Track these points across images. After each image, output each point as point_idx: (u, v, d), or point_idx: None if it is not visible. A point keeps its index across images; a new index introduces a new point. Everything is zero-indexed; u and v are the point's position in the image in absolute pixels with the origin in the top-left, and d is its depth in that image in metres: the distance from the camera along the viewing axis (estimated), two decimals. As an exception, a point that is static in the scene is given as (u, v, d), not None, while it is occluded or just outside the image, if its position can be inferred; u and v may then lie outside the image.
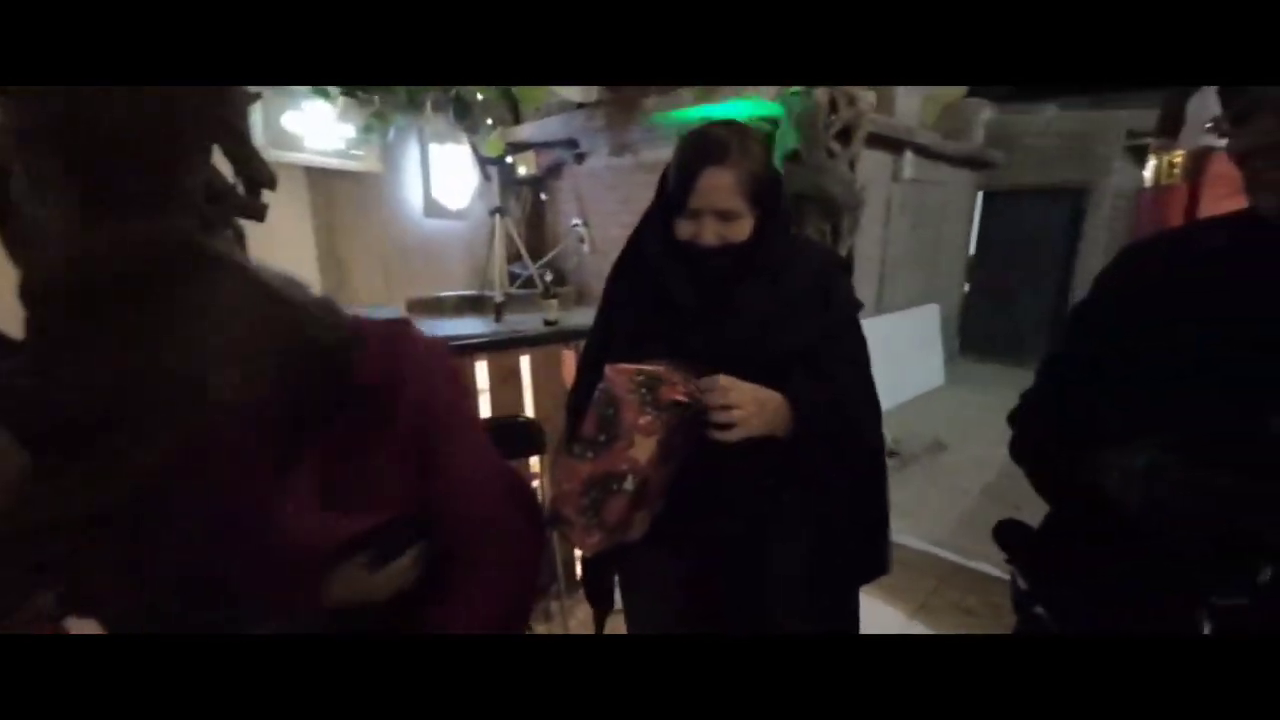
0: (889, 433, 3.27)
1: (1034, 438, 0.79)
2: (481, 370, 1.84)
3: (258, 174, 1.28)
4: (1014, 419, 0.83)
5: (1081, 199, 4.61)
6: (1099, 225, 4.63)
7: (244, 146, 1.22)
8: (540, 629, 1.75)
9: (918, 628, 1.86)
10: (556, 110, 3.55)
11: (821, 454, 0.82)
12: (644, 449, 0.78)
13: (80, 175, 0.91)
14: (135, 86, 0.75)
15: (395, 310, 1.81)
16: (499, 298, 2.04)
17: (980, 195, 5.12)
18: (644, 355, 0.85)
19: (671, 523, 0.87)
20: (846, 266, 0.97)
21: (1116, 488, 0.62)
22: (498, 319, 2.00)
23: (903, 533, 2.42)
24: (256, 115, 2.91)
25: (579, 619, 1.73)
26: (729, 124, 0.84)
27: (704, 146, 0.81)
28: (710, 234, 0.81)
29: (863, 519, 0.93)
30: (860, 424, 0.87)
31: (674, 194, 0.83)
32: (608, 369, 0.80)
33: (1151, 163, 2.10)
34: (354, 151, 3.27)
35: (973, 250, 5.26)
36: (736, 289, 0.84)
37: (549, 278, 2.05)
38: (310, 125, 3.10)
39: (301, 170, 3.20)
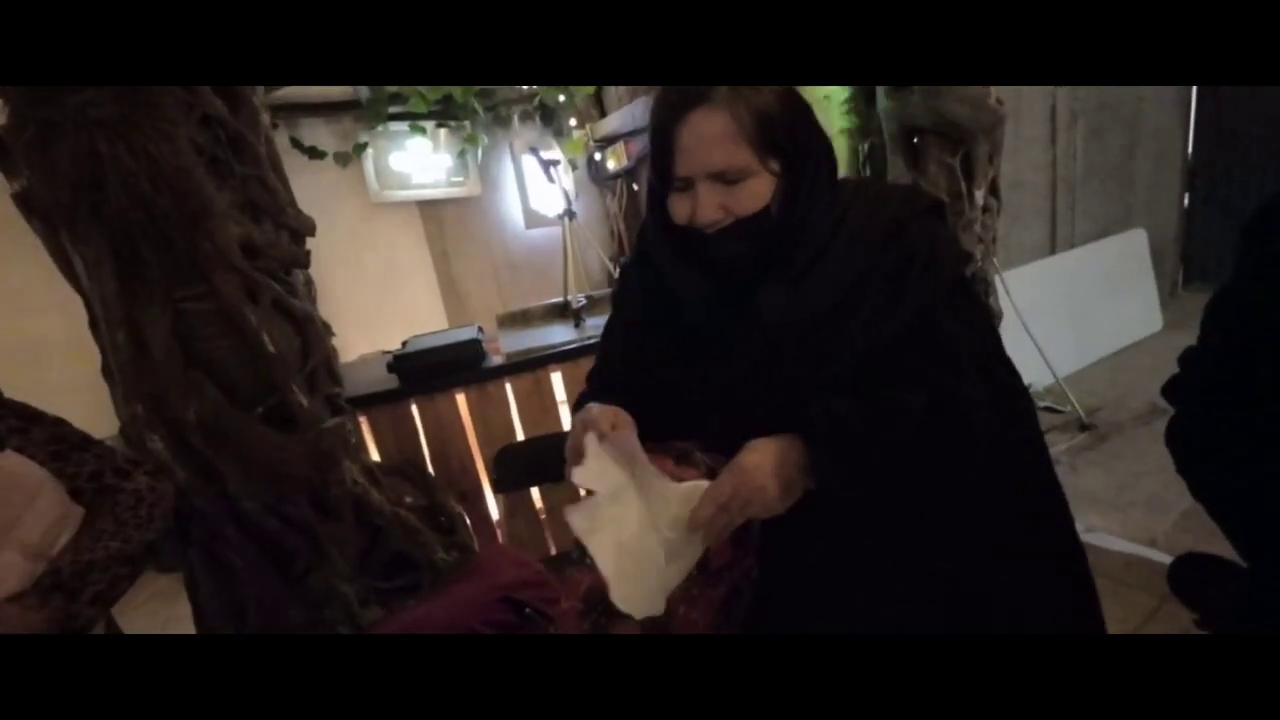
0: (1079, 400, 2.63)
1: (1195, 434, 0.49)
2: (558, 381, 1.79)
3: (294, 224, 1.31)
4: (1170, 392, 0.52)
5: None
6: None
7: (275, 200, 1.25)
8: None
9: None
10: (641, 94, 3.40)
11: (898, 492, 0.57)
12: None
13: (113, 249, 1.00)
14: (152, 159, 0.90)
15: (473, 330, 1.83)
16: (577, 303, 1.96)
17: (1196, 76, 3.89)
18: (654, 383, 0.67)
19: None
20: (934, 208, 0.67)
21: None
22: (577, 325, 1.93)
23: (1099, 531, 1.90)
24: (367, 164, 3.20)
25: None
26: None
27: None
28: (710, 208, 0.58)
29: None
30: (974, 430, 0.58)
31: (655, 160, 0.62)
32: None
33: None
34: (455, 178, 3.46)
35: (1190, 152, 4.03)
36: (760, 287, 0.61)
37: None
38: (414, 162, 3.33)
39: (415, 205, 3.46)
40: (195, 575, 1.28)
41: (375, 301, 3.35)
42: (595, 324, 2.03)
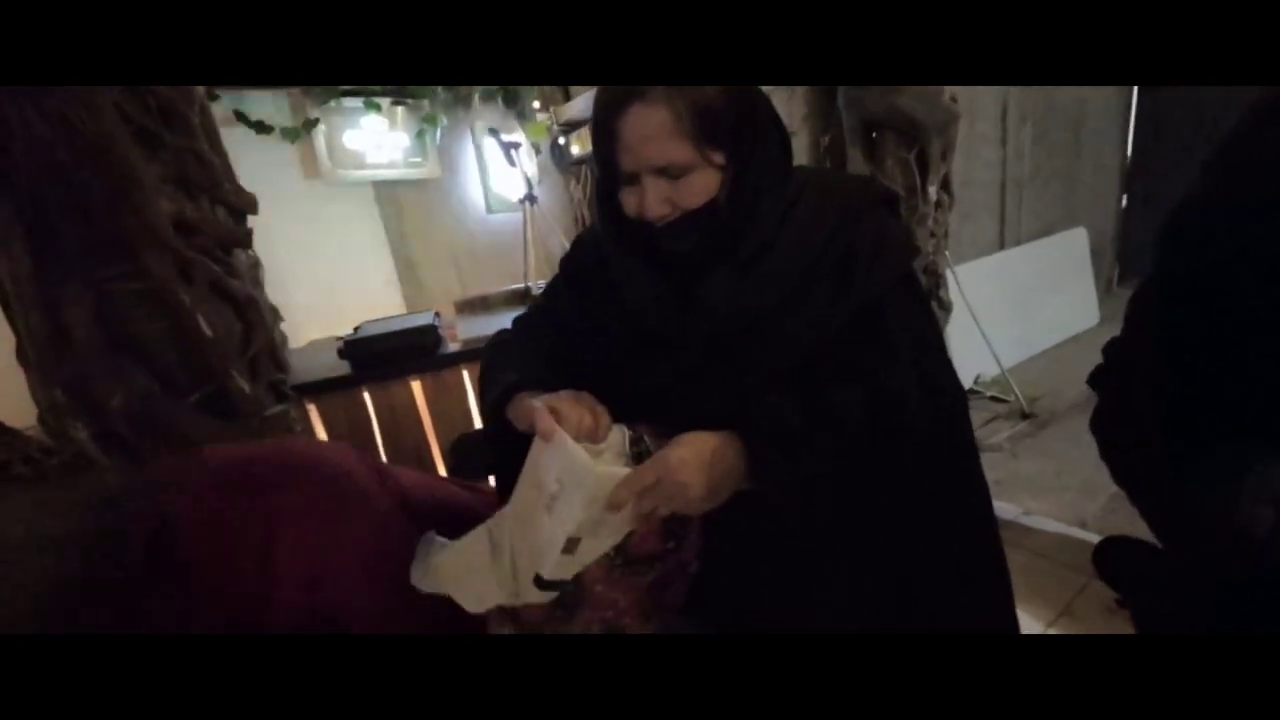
0: (1021, 390, 2.76)
1: (1119, 420, 0.52)
2: (518, 368, 1.76)
3: (233, 200, 1.24)
4: (1095, 380, 0.55)
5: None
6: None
7: (211, 174, 1.18)
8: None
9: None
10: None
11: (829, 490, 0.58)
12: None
13: (24, 223, 0.92)
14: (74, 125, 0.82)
15: (429, 315, 1.78)
16: (538, 290, 1.93)
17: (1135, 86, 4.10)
18: (597, 381, 0.66)
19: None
20: (888, 199, 0.67)
21: (1249, 517, 0.38)
22: (537, 311, 1.91)
23: (1037, 514, 2.00)
24: (319, 141, 3.06)
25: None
26: None
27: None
28: (656, 202, 0.58)
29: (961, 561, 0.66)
30: (912, 425, 0.59)
31: (599, 155, 0.62)
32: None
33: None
34: (413, 159, 3.34)
35: (1129, 155, 4.25)
36: (704, 280, 0.61)
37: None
38: (370, 141, 3.20)
39: (370, 185, 3.33)
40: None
41: (328, 286, 3.23)
42: (556, 311, 2.02)
